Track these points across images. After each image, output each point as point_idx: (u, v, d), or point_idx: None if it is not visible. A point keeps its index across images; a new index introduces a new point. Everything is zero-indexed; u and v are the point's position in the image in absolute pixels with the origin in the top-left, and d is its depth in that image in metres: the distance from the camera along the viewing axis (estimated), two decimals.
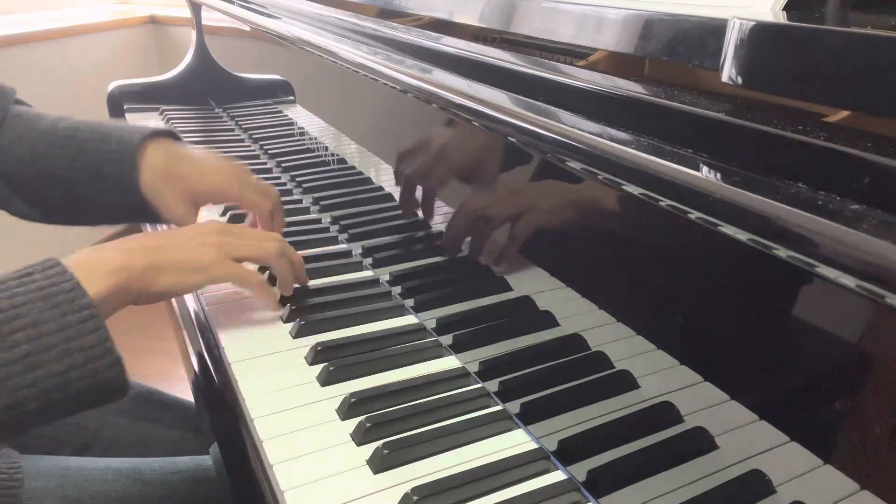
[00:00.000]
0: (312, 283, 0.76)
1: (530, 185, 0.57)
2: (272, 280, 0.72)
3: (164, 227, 0.86)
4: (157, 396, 0.91)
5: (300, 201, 0.99)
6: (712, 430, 0.43)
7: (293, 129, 1.14)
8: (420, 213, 0.74)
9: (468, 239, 0.66)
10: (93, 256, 0.56)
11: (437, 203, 0.72)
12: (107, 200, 0.75)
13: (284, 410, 0.58)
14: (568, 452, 0.52)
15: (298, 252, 0.82)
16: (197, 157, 0.78)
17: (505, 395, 0.58)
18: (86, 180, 0.74)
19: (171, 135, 0.79)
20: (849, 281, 0.29)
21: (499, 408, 0.58)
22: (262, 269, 0.75)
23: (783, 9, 0.39)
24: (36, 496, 0.65)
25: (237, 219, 0.92)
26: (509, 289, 0.61)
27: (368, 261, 0.81)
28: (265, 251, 0.67)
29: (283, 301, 0.72)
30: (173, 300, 0.79)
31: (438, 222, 0.72)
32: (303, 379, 0.62)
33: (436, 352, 0.66)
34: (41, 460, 0.69)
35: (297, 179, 1.04)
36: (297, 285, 0.73)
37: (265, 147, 1.19)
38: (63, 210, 0.79)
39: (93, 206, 0.77)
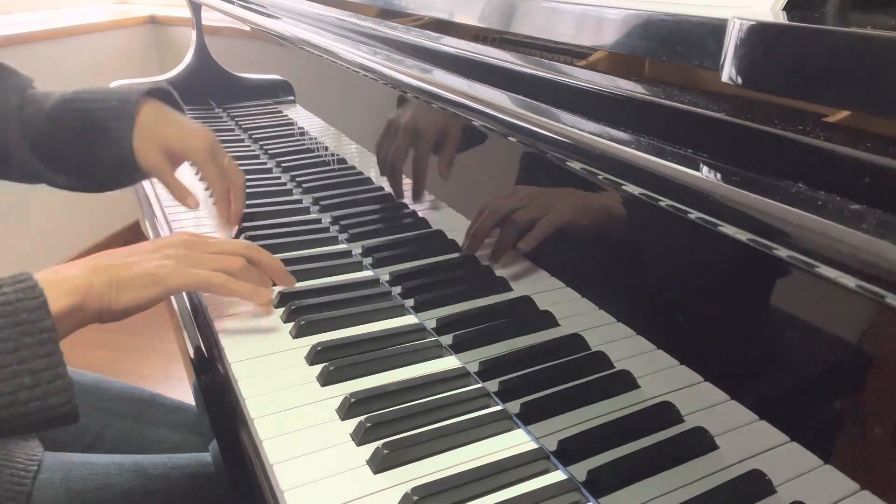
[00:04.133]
0: (312, 283, 0.76)
1: (530, 186, 0.57)
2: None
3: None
4: (158, 400, 0.91)
5: (300, 201, 0.99)
6: (712, 430, 0.43)
7: (293, 129, 1.14)
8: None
9: (469, 237, 0.66)
10: (57, 274, 0.57)
11: (429, 196, 0.72)
12: (113, 156, 0.81)
13: (284, 410, 0.58)
14: (568, 452, 0.52)
15: (298, 252, 0.82)
16: (181, 119, 0.85)
17: (505, 395, 0.58)
18: (96, 139, 0.81)
19: (166, 93, 0.88)
20: (849, 281, 0.29)
21: (499, 408, 0.58)
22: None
23: (783, 9, 0.39)
24: (41, 488, 0.65)
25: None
26: (509, 289, 0.61)
27: (368, 261, 0.81)
28: (226, 264, 0.67)
29: (283, 303, 0.72)
30: (173, 301, 0.79)
31: (437, 221, 0.72)
32: (303, 379, 0.62)
33: (436, 352, 0.66)
34: (46, 455, 0.70)
35: (297, 179, 1.04)
36: (285, 288, 0.74)
37: (265, 147, 1.19)
38: (84, 174, 0.86)
39: (104, 165, 0.83)
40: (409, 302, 0.72)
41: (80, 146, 0.82)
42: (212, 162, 0.84)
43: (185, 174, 1.14)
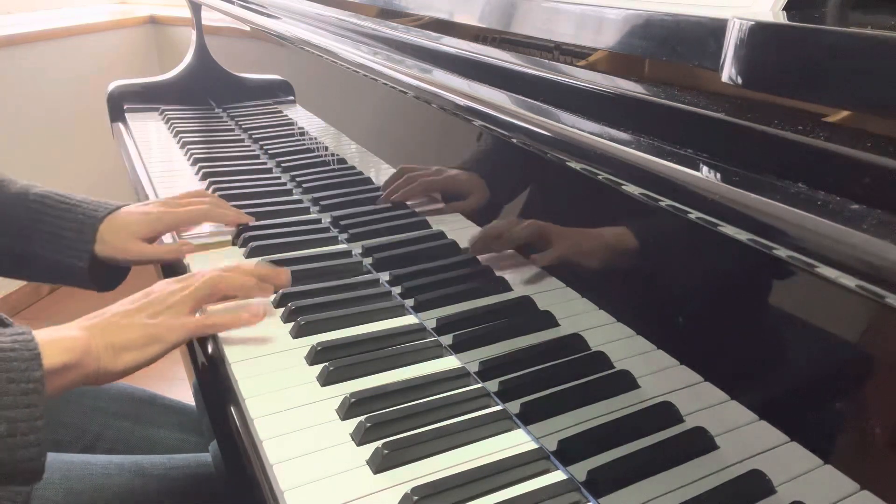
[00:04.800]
0: (312, 283, 0.76)
1: (530, 186, 0.57)
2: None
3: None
4: (158, 400, 0.91)
5: (300, 201, 0.99)
6: (712, 430, 0.43)
7: (293, 129, 1.14)
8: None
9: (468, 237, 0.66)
10: (55, 333, 0.58)
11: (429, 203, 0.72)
12: (57, 260, 0.82)
13: (284, 410, 0.58)
14: (568, 452, 0.52)
15: (298, 252, 0.83)
16: (135, 209, 0.87)
17: (505, 395, 0.58)
18: (43, 240, 0.82)
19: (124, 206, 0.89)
20: (849, 281, 0.29)
21: (499, 408, 0.58)
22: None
23: (783, 9, 0.38)
24: (41, 489, 0.65)
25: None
26: (509, 289, 0.61)
27: (368, 261, 0.81)
28: (208, 284, 0.69)
29: (282, 304, 0.72)
30: None
31: (437, 221, 0.72)
32: (303, 379, 0.62)
33: (436, 352, 0.66)
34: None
35: (297, 179, 1.04)
36: (283, 289, 0.75)
37: (265, 147, 1.19)
38: (7, 262, 0.85)
39: (39, 263, 0.83)
40: (409, 302, 0.72)
41: (20, 243, 0.83)
42: (176, 206, 0.88)
43: (185, 173, 1.14)
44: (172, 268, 0.87)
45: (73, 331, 0.60)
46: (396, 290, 0.75)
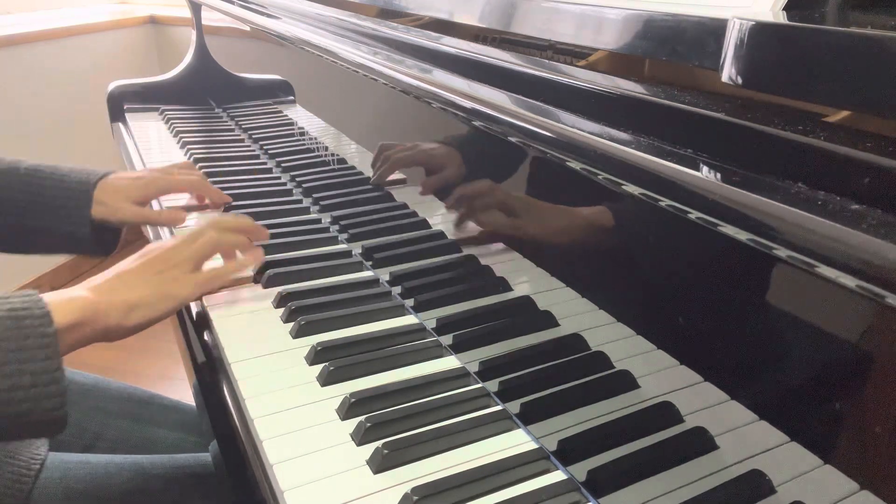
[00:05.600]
0: (312, 283, 0.77)
1: (530, 185, 0.57)
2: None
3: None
4: (157, 400, 0.91)
5: (300, 201, 0.99)
6: (712, 430, 0.43)
7: (293, 129, 1.14)
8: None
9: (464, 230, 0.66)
10: (62, 295, 0.60)
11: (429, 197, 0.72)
12: (59, 229, 0.85)
13: (284, 410, 0.58)
14: (568, 452, 0.52)
15: (298, 252, 0.83)
16: (126, 174, 0.92)
17: (505, 395, 0.58)
18: (42, 212, 0.84)
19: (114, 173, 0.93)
20: (849, 281, 0.29)
21: (499, 408, 0.58)
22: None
23: (783, 9, 0.38)
24: (40, 488, 0.66)
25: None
26: (509, 289, 0.61)
27: (368, 261, 0.81)
28: (210, 241, 0.72)
29: (282, 303, 0.72)
30: None
31: (437, 222, 0.72)
32: (303, 379, 0.62)
33: (436, 352, 0.66)
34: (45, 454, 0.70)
35: (297, 179, 1.04)
36: (265, 257, 0.79)
37: (265, 147, 1.19)
38: (10, 238, 0.87)
39: (42, 235, 0.86)
40: (409, 302, 0.72)
41: (19, 215, 0.85)
42: (165, 183, 0.93)
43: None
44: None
45: (79, 291, 0.61)
46: (396, 290, 0.75)
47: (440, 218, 0.72)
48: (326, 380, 0.61)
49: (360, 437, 0.54)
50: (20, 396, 0.51)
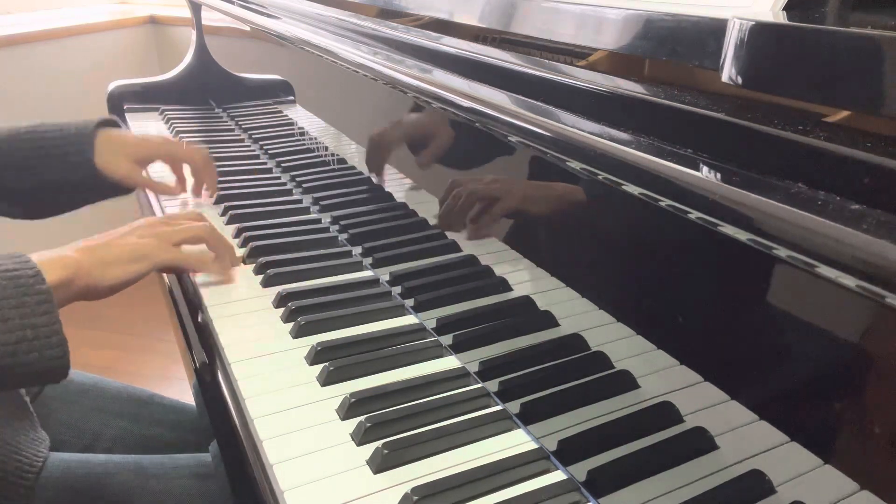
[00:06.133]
0: (312, 283, 0.77)
1: (530, 184, 0.57)
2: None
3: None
4: (157, 399, 0.91)
5: (300, 201, 0.99)
6: (712, 430, 0.43)
7: (293, 129, 1.14)
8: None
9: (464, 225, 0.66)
10: (48, 254, 0.63)
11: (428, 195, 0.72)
12: (70, 178, 0.87)
13: (284, 410, 0.58)
14: (568, 452, 0.52)
15: (298, 253, 0.83)
16: (134, 133, 0.96)
17: (505, 395, 0.58)
18: (50, 165, 0.87)
19: (115, 123, 0.96)
20: (849, 281, 0.29)
21: (499, 408, 0.58)
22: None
23: (783, 9, 0.39)
24: (41, 487, 0.66)
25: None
26: (509, 289, 0.61)
27: (368, 261, 0.81)
28: (197, 230, 0.75)
29: (282, 303, 0.72)
30: (174, 301, 0.79)
31: (435, 220, 0.72)
32: (303, 379, 0.62)
33: (436, 352, 0.66)
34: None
35: (297, 179, 1.04)
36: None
37: (265, 147, 1.19)
38: (32, 200, 0.90)
39: (55, 190, 0.88)
40: (409, 302, 0.72)
41: (31, 173, 0.87)
42: (175, 147, 0.97)
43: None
44: None
45: (64, 251, 0.64)
46: (396, 290, 0.75)
47: (432, 215, 0.72)
48: (326, 380, 0.61)
49: (360, 437, 0.54)
50: (25, 348, 0.54)
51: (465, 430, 0.55)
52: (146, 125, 1.40)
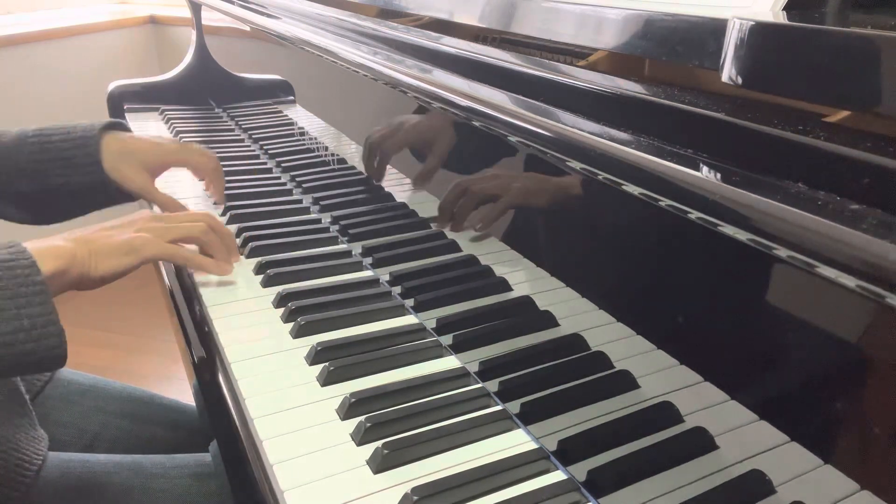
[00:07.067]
0: (312, 283, 0.77)
1: (529, 184, 0.57)
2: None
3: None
4: (157, 400, 0.91)
5: (300, 201, 0.99)
6: (712, 430, 0.43)
7: (293, 129, 1.14)
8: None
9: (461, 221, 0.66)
10: (43, 243, 0.63)
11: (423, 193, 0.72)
12: (77, 184, 0.86)
13: (284, 410, 0.58)
14: (568, 452, 0.52)
15: (298, 253, 0.83)
16: (145, 137, 0.92)
17: (505, 395, 0.58)
18: (57, 169, 0.85)
19: (123, 126, 0.93)
20: (849, 281, 0.29)
21: (499, 408, 0.58)
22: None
23: (783, 9, 0.39)
24: (40, 487, 0.66)
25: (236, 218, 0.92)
26: (509, 289, 0.61)
27: (368, 261, 0.81)
28: (191, 230, 0.75)
29: (282, 304, 0.72)
30: (174, 301, 0.79)
31: (436, 219, 0.72)
32: (303, 379, 0.62)
33: (436, 352, 0.66)
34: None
35: (297, 179, 1.04)
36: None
37: (265, 147, 1.19)
38: (40, 206, 0.89)
39: (65, 194, 0.86)
40: (409, 302, 0.72)
41: (40, 178, 0.86)
42: (187, 154, 0.93)
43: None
44: None
45: (58, 241, 0.64)
46: (396, 290, 0.75)
47: (431, 211, 0.72)
48: (326, 380, 0.61)
49: (360, 437, 0.54)
50: (23, 338, 0.55)
51: (465, 430, 0.55)
52: (146, 125, 1.40)
